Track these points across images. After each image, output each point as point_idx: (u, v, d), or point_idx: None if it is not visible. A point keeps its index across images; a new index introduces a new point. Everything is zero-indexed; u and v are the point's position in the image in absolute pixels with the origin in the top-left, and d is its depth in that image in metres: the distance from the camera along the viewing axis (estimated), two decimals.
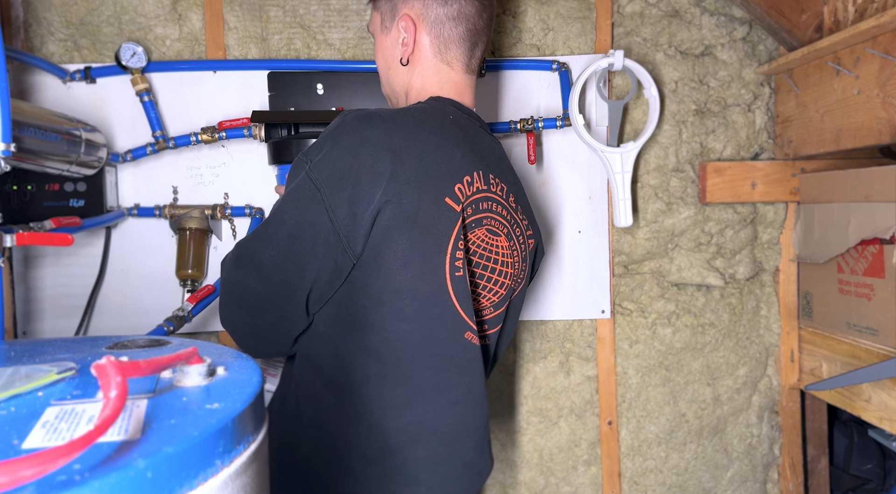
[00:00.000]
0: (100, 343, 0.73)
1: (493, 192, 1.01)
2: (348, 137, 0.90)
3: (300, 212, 0.89)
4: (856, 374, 1.37)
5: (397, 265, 0.90)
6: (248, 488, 0.52)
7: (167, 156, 1.50)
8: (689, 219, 1.61)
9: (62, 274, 1.49)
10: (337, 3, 1.52)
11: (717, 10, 1.58)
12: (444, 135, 0.95)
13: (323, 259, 0.89)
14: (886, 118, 1.23)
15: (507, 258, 1.05)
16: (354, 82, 1.51)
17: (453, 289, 0.94)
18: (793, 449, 1.69)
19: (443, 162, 0.93)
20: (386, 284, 0.90)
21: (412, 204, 0.89)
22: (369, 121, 0.91)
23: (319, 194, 0.88)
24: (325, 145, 0.91)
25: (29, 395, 0.54)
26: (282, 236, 0.90)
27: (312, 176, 0.89)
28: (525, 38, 1.56)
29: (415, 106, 1.01)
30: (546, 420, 1.64)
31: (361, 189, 0.87)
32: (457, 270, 0.94)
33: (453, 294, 0.95)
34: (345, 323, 0.93)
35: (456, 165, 0.94)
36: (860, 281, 1.41)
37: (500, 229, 1.03)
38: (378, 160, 0.88)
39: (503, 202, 1.04)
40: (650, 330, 1.64)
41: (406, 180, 0.89)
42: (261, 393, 0.58)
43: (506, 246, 1.04)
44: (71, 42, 1.48)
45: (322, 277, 0.90)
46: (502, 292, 1.06)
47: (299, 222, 0.89)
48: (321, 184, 0.88)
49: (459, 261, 0.94)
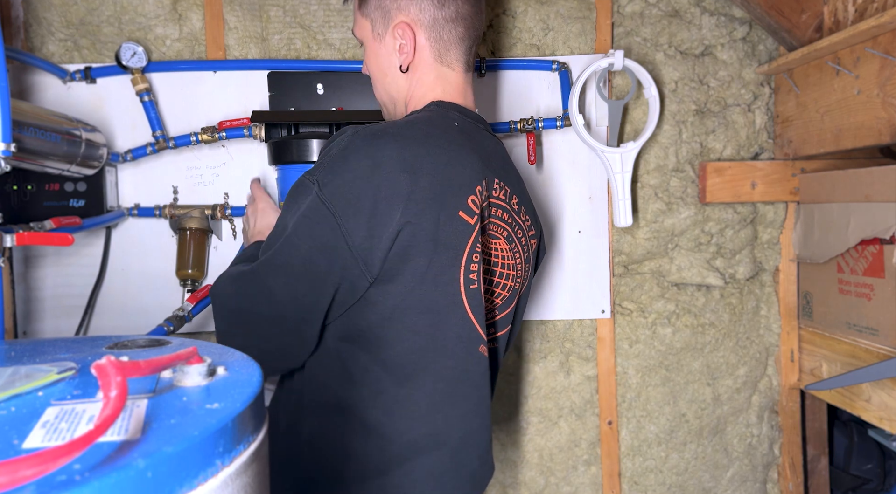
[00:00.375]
0: (100, 343, 0.73)
1: (497, 198, 1.01)
2: (360, 159, 0.88)
3: (314, 237, 0.87)
4: (856, 374, 1.37)
5: (414, 281, 0.89)
6: (249, 488, 0.52)
7: (167, 156, 1.50)
8: (689, 218, 1.61)
9: (62, 274, 1.49)
10: (337, 3, 1.52)
11: (717, 10, 1.58)
12: (452, 145, 0.94)
13: (340, 281, 0.88)
14: (886, 118, 1.23)
15: (508, 260, 1.04)
16: (354, 82, 1.51)
17: (468, 302, 0.94)
18: (793, 449, 1.69)
19: (455, 176, 0.92)
20: (402, 301, 0.90)
21: (430, 222, 0.88)
22: (379, 140, 0.89)
23: (334, 218, 0.86)
24: (335, 166, 0.89)
25: (29, 395, 0.54)
26: (296, 263, 0.88)
27: (325, 199, 0.87)
28: (525, 38, 1.56)
29: (418, 117, 0.99)
30: (546, 420, 1.64)
31: (379, 212, 0.86)
32: (471, 282, 0.94)
33: (468, 306, 0.94)
34: (355, 338, 0.92)
35: (467, 177, 0.93)
36: (860, 281, 1.41)
37: (499, 232, 1.02)
38: (394, 182, 0.87)
39: (506, 206, 1.03)
40: (650, 330, 1.64)
41: (423, 199, 0.88)
42: (261, 393, 0.58)
43: (506, 248, 1.04)
44: (71, 42, 1.48)
45: (339, 297, 0.90)
46: (506, 294, 1.06)
47: (314, 247, 0.87)
48: (335, 208, 0.86)
49: (474, 274, 0.94)
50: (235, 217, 1.51)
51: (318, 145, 1.30)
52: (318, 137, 1.34)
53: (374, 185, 0.86)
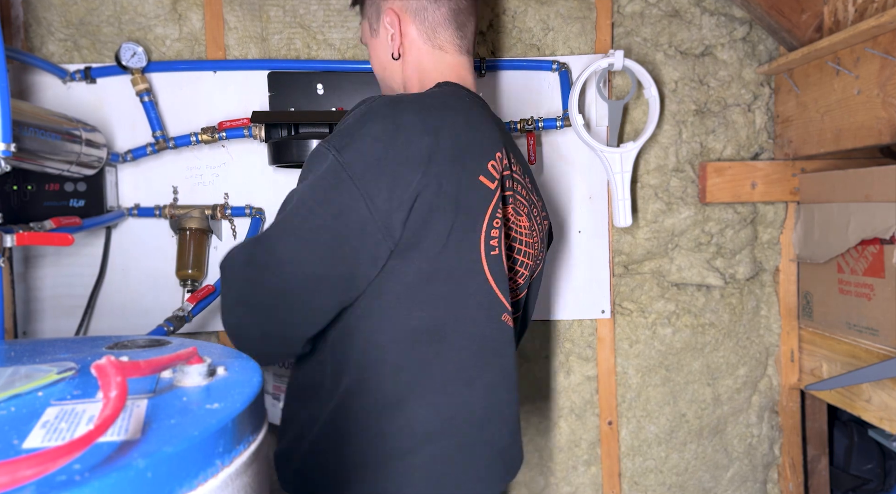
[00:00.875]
0: (100, 343, 0.73)
1: (515, 172, 1.01)
2: (381, 123, 0.86)
3: (331, 201, 0.84)
4: (856, 374, 1.37)
5: (436, 248, 0.87)
6: (249, 488, 0.52)
7: (167, 156, 1.50)
8: (689, 218, 1.61)
9: (62, 274, 1.49)
10: (337, 3, 1.52)
11: (717, 10, 1.58)
12: (470, 112, 0.94)
13: (360, 248, 0.85)
14: (886, 118, 1.23)
15: (528, 238, 1.04)
16: (354, 82, 1.51)
17: (489, 269, 0.92)
18: (793, 449, 1.69)
19: (474, 140, 0.91)
20: (422, 268, 0.87)
21: (451, 185, 0.86)
22: (399, 105, 0.88)
23: (352, 182, 0.83)
24: (354, 132, 0.87)
25: (29, 395, 0.54)
26: (309, 228, 0.84)
27: (344, 163, 0.84)
28: (525, 38, 1.56)
29: (431, 90, 0.98)
30: (546, 419, 1.64)
31: (400, 174, 0.84)
32: (492, 249, 0.92)
33: (489, 273, 0.92)
34: (377, 313, 0.89)
35: (486, 143, 0.93)
36: (860, 281, 1.41)
37: (521, 209, 1.02)
38: (415, 144, 0.85)
39: (523, 182, 1.03)
40: (650, 330, 1.64)
41: (444, 161, 0.86)
42: (261, 393, 0.58)
43: (527, 225, 1.03)
44: (71, 42, 1.48)
45: (359, 269, 0.86)
46: (526, 273, 1.05)
47: (331, 212, 0.84)
48: (354, 172, 0.84)
49: (495, 240, 0.92)
50: (235, 217, 1.51)
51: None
52: (317, 137, 1.34)
53: (395, 147, 0.85)
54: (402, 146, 0.85)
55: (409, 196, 0.84)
